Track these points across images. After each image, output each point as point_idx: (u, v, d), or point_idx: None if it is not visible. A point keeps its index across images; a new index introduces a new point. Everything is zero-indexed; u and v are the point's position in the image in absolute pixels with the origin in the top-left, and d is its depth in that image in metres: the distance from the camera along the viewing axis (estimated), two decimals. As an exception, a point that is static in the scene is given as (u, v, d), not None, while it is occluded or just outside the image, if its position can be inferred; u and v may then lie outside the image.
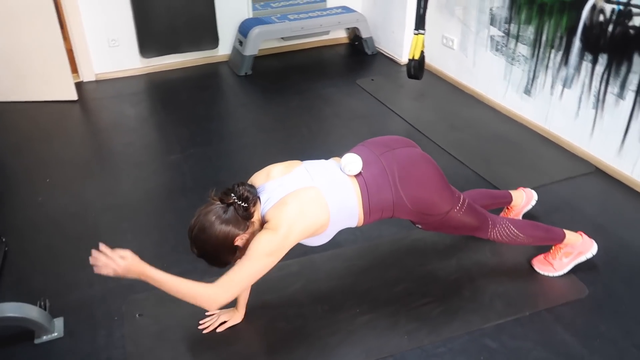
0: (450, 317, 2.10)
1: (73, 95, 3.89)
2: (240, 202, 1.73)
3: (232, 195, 1.74)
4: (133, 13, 4.07)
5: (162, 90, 4.14)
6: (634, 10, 2.65)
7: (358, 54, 4.74)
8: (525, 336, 2.02)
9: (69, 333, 2.06)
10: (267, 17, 4.42)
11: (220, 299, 1.68)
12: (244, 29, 4.30)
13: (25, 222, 2.69)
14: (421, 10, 3.35)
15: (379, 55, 4.68)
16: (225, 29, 4.39)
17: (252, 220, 1.77)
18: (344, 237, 1.94)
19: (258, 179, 1.87)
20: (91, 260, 1.60)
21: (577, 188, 2.89)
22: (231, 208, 1.73)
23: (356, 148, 1.99)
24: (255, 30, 4.21)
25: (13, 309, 1.97)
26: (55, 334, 2.05)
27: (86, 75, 4.20)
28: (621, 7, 2.71)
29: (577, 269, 2.28)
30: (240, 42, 4.31)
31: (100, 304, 2.20)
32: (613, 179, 2.94)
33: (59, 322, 2.10)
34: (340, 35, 4.92)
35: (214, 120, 3.73)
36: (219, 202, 1.75)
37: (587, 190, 2.88)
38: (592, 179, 2.96)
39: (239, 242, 1.74)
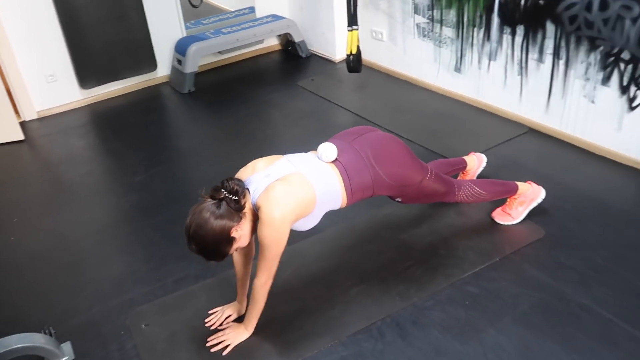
0: (432, 274, 2.33)
1: (19, 135, 3.84)
2: (231, 196, 1.83)
3: (223, 190, 1.84)
4: (67, 45, 4.06)
5: (108, 118, 4.16)
6: (540, -17, 3.01)
7: (293, 58, 4.93)
8: (500, 278, 2.28)
9: (80, 355, 2.11)
10: (201, 34, 4.53)
11: (270, 277, 1.97)
12: (181, 47, 4.39)
13: (4, 263, 2.68)
14: (352, 9, 3.60)
15: (313, 57, 4.90)
16: (161, 50, 4.46)
17: (244, 211, 1.90)
18: (324, 222, 2.10)
19: (244, 173, 1.99)
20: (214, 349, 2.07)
21: (516, 147, 3.21)
22: (223, 203, 1.83)
23: (328, 140, 2.17)
24: (193, 47, 4.31)
25: (19, 340, 1.98)
26: (66, 357, 2.09)
27: (27, 114, 4.15)
28: (528, -17, 3.06)
29: (531, 215, 2.57)
30: (179, 61, 4.40)
31: (104, 322, 2.25)
32: (545, 134, 3.29)
33: (67, 347, 2.13)
34: (273, 42, 5.09)
35: (168, 139, 3.81)
36: (210, 199, 1.84)
37: (525, 148, 3.20)
38: (528, 138, 3.30)
39: (234, 233, 1.85)
